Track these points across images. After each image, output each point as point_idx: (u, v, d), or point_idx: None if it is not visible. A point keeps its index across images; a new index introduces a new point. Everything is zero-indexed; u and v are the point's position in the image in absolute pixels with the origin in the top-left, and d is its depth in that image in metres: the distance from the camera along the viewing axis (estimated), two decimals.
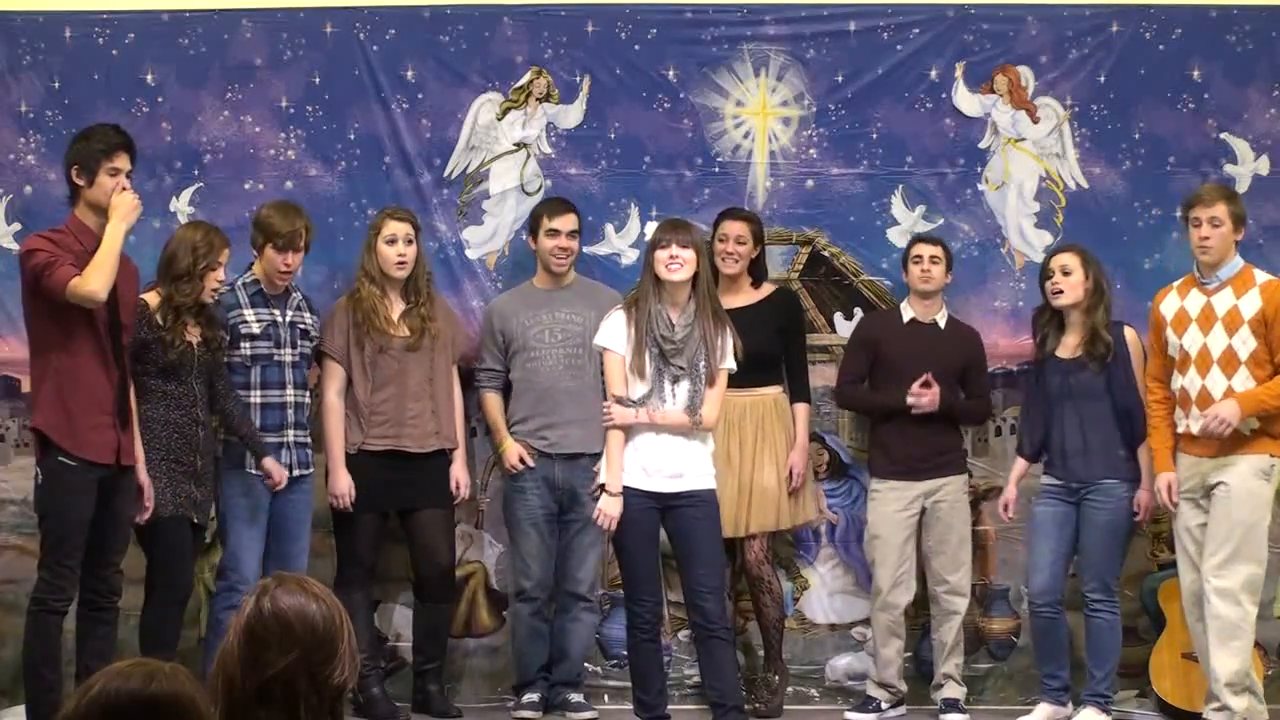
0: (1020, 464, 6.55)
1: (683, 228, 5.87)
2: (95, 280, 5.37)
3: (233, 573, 6.15)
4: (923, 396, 6.45)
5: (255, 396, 6.19)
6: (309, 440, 6.33)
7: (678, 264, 5.74)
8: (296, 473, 6.25)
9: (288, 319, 6.28)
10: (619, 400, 5.76)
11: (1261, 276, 6.00)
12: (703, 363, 5.76)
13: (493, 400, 6.64)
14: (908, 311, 6.65)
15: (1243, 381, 5.89)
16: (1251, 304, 5.91)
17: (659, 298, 5.79)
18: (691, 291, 5.80)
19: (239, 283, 6.25)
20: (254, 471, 6.15)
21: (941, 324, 6.62)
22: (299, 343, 6.29)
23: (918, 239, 6.66)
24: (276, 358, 6.23)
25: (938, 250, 6.57)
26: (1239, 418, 5.86)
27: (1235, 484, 5.87)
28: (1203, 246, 6.00)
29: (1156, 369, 6.19)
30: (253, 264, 6.32)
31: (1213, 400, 5.92)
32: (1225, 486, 5.88)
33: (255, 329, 6.20)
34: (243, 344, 6.17)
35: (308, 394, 6.36)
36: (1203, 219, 5.98)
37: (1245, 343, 5.90)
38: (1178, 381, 6.05)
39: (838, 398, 6.74)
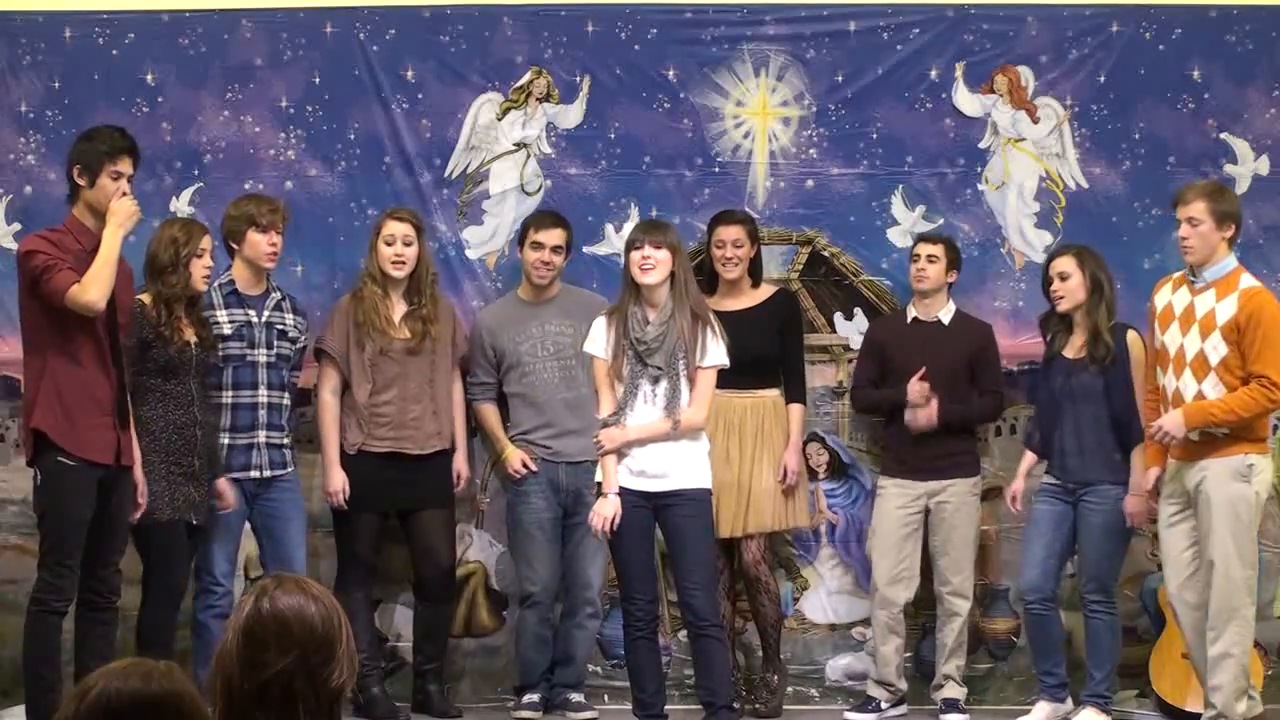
0: (1029, 457, 6.54)
1: (657, 228, 5.86)
2: (94, 290, 5.37)
3: (206, 575, 6.16)
4: (919, 411, 6.46)
5: (227, 397, 6.18)
6: (286, 441, 6.31)
7: (650, 264, 5.73)
8: (268, 473, 6.24)
9: (264, 319, 6.27)
10: (605, 424, 5.75)
11: (1246, 281, 5.89)
12: (681, 361, 5.75)
13: (488, 410, 6.65)
14: (912, 311, 6.66)
15: (1212, 386, 5.80)
16: (1228, 309, 5.81)
17: (636, 299, 5.78)
18: (670, 291, 5.79)
19: (215, 285, 6.23)
20: (225, 474, 6.14)
21: (945, 321, 6.62)
22: (275, 343, 6.28)
23: (919, 238, 6.66)
24: (249, 358, 6.22)
25: (936, 249, 6.57)
26: (1183, 430, 5.81)
27: (1213, 490, 5.80)
28: (1183, 247, 5.96)
29: (1154, 359, 6.17)
30: (229, 267, 6.31)
31: (1183, 402, 5.87)
32: (1205, 495, 5.82)
33: (226, 330, 6.19)
34: (215, 345, 6.16)
35: (286, 395, 6.34)
36: (1181, 219, 5.93)
37: (1216, 348, 5.81)
38: (1160, 378, 6.04)
39: (852, 402, 6.77)
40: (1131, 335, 6.35)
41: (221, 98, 6.82)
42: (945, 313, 6.62)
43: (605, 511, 5.73)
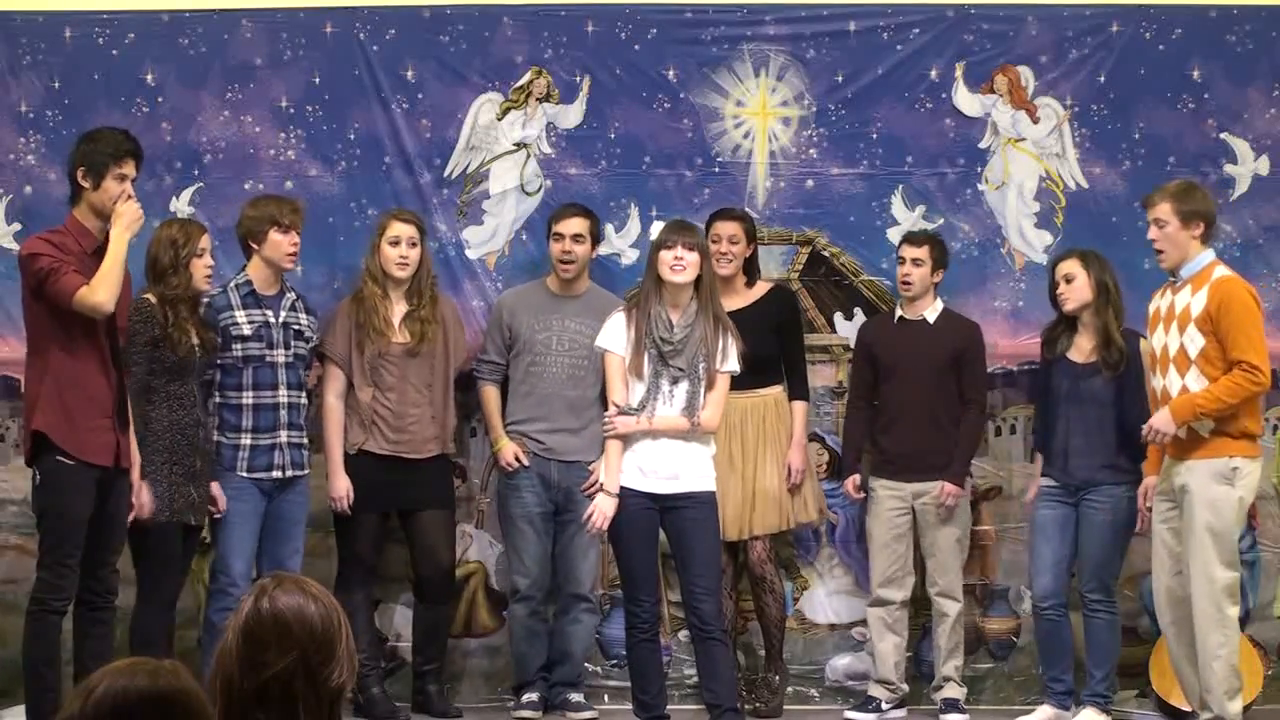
0: (1041, 461, 6.55)
1: (689, 229, 5.85)
2: (103, 292, 5.37)
3: (223, 575, 6.14)
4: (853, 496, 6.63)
5: (247, 398, 6.18)
6: (304, 441, 6.32)
7: (681, 265, 5.73)
8: (289, 473, 6.23)
9: (280, 319, 6.27)
10: (621, 411, 5.76)
11: (1219, 272, 5.89)
12: (702, 364, 5.75)
13: (491, 394, 6.64)
14: (899, 310, 6.66)
15: (1195, 380, 5.81)
16: (1200, 301, 5.82)
17: (660, 298, 5.78)
18: (694, 293, 5.79)
19: (231, 285, 6.25)
20: (245, 475, 6.15)
21: (931, 319, 6.61)
22: (292, 343, 6.28)
23: (905, 239, 6.63)
24: (269, 359, 6.22)
25: (920, 253, 6.54)
26: (1173, 426, 5.81)
27: (1196, 491, 5.81)
28: (1155, 250, 5.98)
29: (1149, 364, 6.18)
30: (244, 266, 6.32)
31: (1170, 400, 5.89)
32: (1189, 496, 5.83)
33: (246, 330, 6.19)
34: (234, 345, 6.16)
35: (303, 394, 6.35)
36: (1150, 221, 5.97)
37: (1194, 341, 5.82)
38: (1153, 380, 6.05)
39: (847, 410, 6.76)
40: (1144, 344, 6.34)
41: (221, 98, 6.82)
42: (931, 311, 6.62)
43: (607, 509, 5.72)
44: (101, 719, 2.30)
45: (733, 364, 5.81)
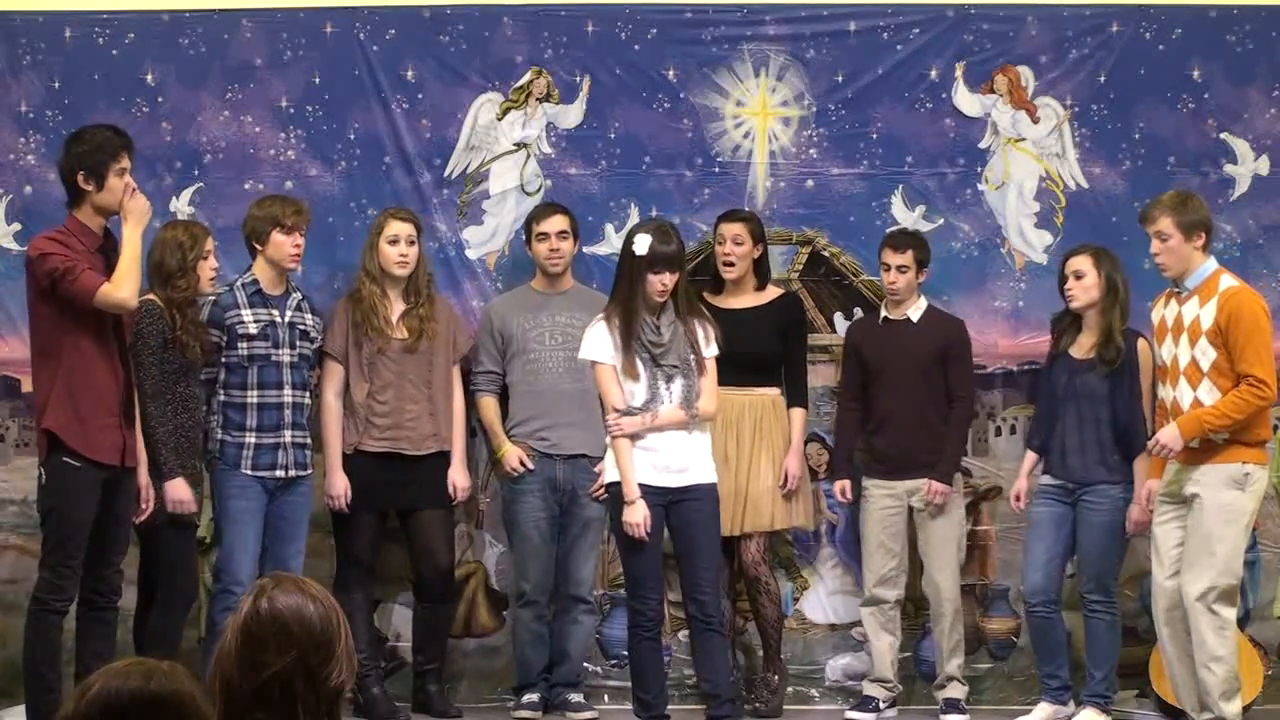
0: (1030, 456, 6.53)
1: (671, 245, 5.76)
2: (126, 288, 5.39)
3: (226, 574, 6.15)
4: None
5: (252, 396, 6.18)
6: (308, 441, 6.32)
7: (666, 290, 5.74)
8: (293, 473, 6.24)
9: (286, 319, 6.28)
10: (624, 413, 5.75)
11: (1226, 283, 5.89)
12: (691, 357, 5.79)
13: (489, 404, 6.64)
14: (883, 310, 6.66)
15: (1207, 391, 5.82)
16: (1210, 313, 5.83)
17: (643, 306, 5.78)
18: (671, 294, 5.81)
19: (237, 284, 6.26)
20: (249, 472, 6.15)
21: (915, 318, 6.60)
22: (298, 343, 6.29)
23: (887, 243, 6.58)
24: (274, 358, 6.22)
25: (904, 259, 6.50)
26: (1180, 443, 5.82)
27: (1207, 496, 5.82)
28: (1157, 264, 5.99)
29: (1159, 375, 6.18)
30: (250, 266, 6.32)
31: (1182, 412, 5.88)
32: (1199, 499, 5.84)
33: (252, 329, 6.20)
34: (240, 344, 6.17)
35: (307, 395, 6.36)
36: (1150, 235, 5.97)
37: (1205, 353, 5.83)
38: (1161, 392, 6.05)
39: (838, 408, 6.75)
40: (1142, 343, 6.34)
41: (221, 98, 6.82)
42: (915, 310, 6.61)
43: (637, 519, 5.72)
44: (93, 719, 2.31)
45: (714, 348, 5.85)
